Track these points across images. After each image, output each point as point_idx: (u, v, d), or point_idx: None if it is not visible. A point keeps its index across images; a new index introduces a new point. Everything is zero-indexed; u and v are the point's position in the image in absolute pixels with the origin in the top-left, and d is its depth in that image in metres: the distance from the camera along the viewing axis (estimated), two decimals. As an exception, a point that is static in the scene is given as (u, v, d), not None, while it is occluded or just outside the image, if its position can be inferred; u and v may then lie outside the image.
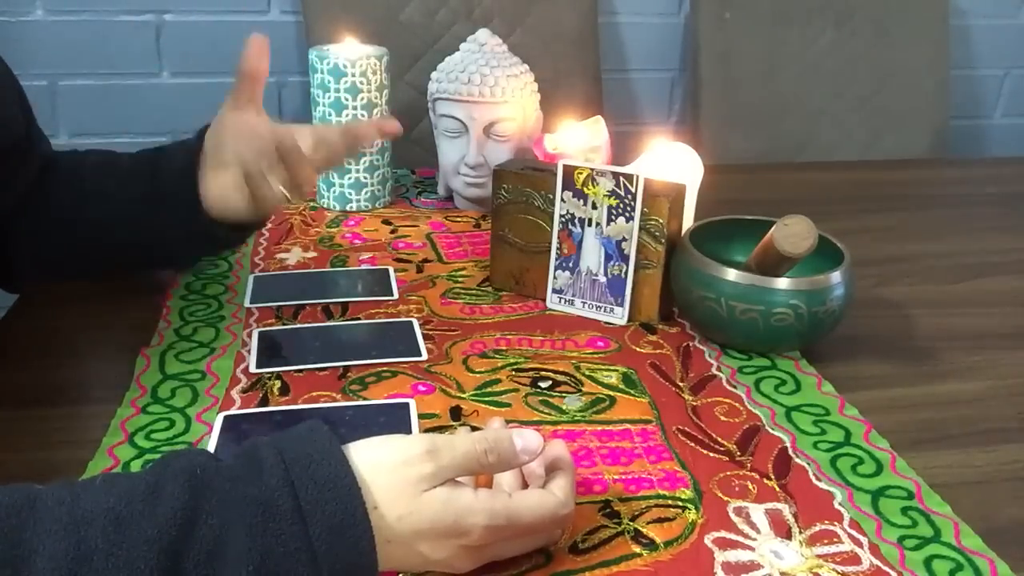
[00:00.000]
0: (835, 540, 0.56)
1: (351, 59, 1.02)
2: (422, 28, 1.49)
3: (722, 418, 0.69)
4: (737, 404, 0.71)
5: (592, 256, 0.83)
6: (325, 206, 1.10)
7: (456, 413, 0.68)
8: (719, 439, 0.66)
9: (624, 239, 0.81)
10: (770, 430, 0.67)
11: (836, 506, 0.59)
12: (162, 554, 0.40)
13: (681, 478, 0.61)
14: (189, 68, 1.51)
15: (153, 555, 0.40)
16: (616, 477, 0.61)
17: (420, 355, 0.76)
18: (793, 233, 0.71)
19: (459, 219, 1.08)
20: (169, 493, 0.42)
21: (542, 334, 0.81)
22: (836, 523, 0.57)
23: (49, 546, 0.39)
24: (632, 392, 0.72)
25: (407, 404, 0.68)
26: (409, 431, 0.65)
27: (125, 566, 0.39)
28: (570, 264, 0.84)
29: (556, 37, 1.53)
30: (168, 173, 0.76)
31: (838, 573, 0.53)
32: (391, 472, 0.46)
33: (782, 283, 0.73)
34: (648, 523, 0.57)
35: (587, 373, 0.74)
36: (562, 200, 0.83)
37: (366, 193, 1.09)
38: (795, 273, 0.75)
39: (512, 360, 0.76)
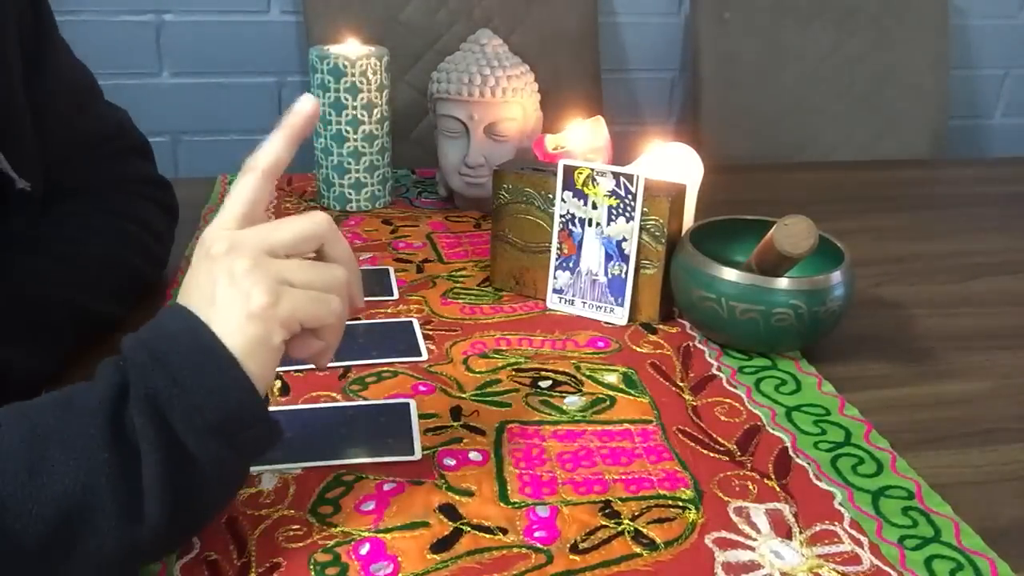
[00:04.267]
0: (835, 540, 0.56)
1: (351, 59, 1.02)
2: (422, 28, 1.49)
3: (722, 418, 0.69)
4: (737, 404, 0.71)
5: (592, 256, 0.83)
6: (325, 206, 1.10)
7: (456, 413, 0.68)
8: (719, 439, 0.66)
9: (624, 239, 0.81)
10: (770, 430, 0.67)
11: (836, 506, 0.59)
12: (105, 420, 0.44)
13: (681, 478, 0.61)
14: (189, 68, 1.51)
15: (97, 422, 0.44)
16: (616, 477, 0.61)
17: (420, 355, 0.76)
18: (793, 233, 0.71)
19: (459, 219, 1.08)
20: (102, 376, 0.47)
21: (542, 334, 0.81)
22: (836, 523, 0.57)
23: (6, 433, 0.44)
24: (632, 392, 0.72)
25: (407, 404, 0.68)
26: (409, 431, 0.65)
27: (77, 436, 0.44)
28: (570, 264, 0.84)
29: (556, 37, 1.53)
30: None
31: (838, 573, 0.53)
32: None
33: (782, 283, 0.73)
34: (648, 523, 0.57)
35: (587, 373, 0.74)
36: (562, 200, 0.83)
37: (366, 193, 1.09)
38: (795, 273, 0.75)
39: (512, 360, 0.76)
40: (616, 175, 0.79)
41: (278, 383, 0.71)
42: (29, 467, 0.43)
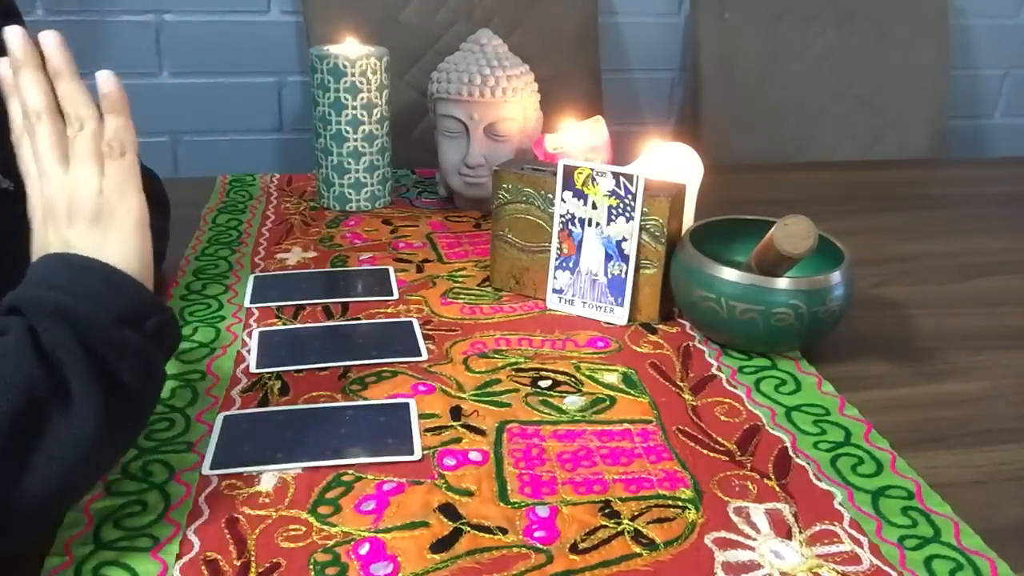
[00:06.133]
0: (835, 540, 0.56)
1: (351, 59, 1.02)
2: (422, 28, 1.49)
3: (722, 418, 0.69)
4: (737, 404, 0.71)
5: (592, 256, 0.83)
6: (325, 206, 1.10)
7: (456, 413, 0.68)
8: (719, 439, 0.66)
9: (624, 239, 0.81)
10: (770, 430, 0.67)
11: (836, 506, 0.59)
12: (27, 347, 0.51)
13: (681, 478, 0.61)
14: (189, 68, 1.51)
15: (21, 347, 0.51)
16: (616, 477, 0.61)
17: (420, 355, 0.76)
18: (793, 233, 0.71)
19: (459, 219, 1.08)
20: (7, 326, 0.52)
21: (542, 334, 0.81)
22: (836, 523, 0.57)
23: None
24: (632, 392, 0.72)
25: (407, 404, 0.68)
26: (409, 431, 0.65)
27: (9, 366, 0.50)
28: (570, 264, 0.84)
29: (556, 37, 1.53)
30: None
31: (838, 573, 0.53)
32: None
33: (782, 283, 0.73)
34: (648, 523, 0.57)
35: (587, 373, 0.74)
36: (562, 200, 0.83)
37: (366, 193, 1.09)
38: (795, 273, 0.75)
39: (512, 360, 0.76)
40: (616, 175, 0.79)
41: (278, 383, 0.71)
42: None
